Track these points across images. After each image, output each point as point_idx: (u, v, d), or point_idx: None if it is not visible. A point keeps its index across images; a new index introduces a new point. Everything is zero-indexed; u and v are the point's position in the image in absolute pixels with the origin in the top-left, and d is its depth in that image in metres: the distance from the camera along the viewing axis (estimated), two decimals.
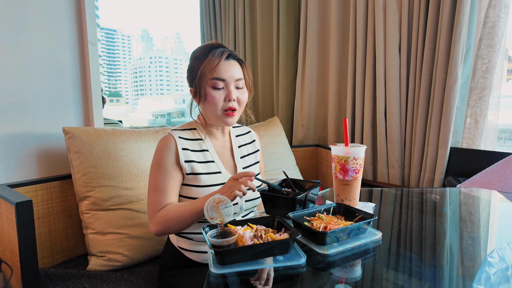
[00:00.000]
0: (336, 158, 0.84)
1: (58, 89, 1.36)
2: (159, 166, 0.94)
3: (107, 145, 1.24)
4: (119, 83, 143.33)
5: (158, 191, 0.92)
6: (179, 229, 0.89)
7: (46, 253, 1.23)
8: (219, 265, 0.56)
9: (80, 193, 1.21)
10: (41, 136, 1.33)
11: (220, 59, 0.94)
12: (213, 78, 0.93)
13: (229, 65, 0.95)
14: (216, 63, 0.93)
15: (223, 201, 0.66)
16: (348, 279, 0.57)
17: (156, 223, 0.90)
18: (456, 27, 1.40)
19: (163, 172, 0.93)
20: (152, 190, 0.93)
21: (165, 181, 0.92)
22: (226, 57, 0.95)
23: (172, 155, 0.94)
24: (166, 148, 0.95)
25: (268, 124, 1.91)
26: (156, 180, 0.93)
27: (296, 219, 0.71)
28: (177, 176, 0.95)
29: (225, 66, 0.94)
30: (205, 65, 0.94)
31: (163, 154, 0.94)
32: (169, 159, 0.94)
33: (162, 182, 0.92)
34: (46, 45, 1.32)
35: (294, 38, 2.25)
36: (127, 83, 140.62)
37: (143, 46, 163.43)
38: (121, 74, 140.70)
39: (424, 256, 0.63)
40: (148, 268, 1.20)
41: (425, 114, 1.58)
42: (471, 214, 0.90)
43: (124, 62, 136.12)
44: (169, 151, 0.94)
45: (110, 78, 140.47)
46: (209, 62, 0.93)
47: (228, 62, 0.95)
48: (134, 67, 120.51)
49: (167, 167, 0.93)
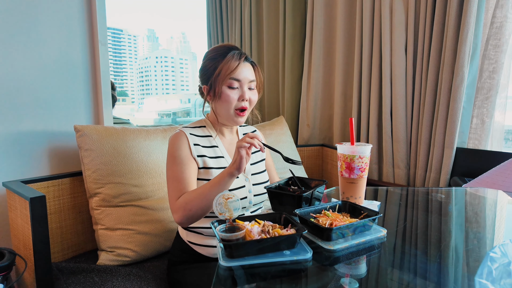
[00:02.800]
0: (342, 156, 0.85)
1: (70, 88, 1.40)
2: (174, 158, 0.97)
3: (117, 143, 1.27)
4: (125, 82, 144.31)
5: (176, 180, 0.95)
6: (202, 209, 0.88)
7: (57, 248, 1.26)
8: (228, 258, 0.58)
9: (90, 189, 1.24)
10: (53, 134, 1.36)
11: (239, 61, 0.99)
12: (230, 78, 0.98)
13: (245, 67, 1.00)
14: (235, 65, 0.98)
15: (232, 197, 0.68)
16: (353, 275, 0.59)
17: (178, 209, 0.91)
18: (463, 27, 1.40)
19: (179, 163, 0.96)
20: (171, 182, 0.96)
21: (181, 170, 0.95)
22: (244, 59, 1.01)
23: (186, 148, 0.98)
24: (178, 142, 0.98)
25: (274, 124, 1.92)
26: (173, 172, 0.96)
27: (303, 215, 0.72)
28: (193, 166, 0.98)
29: (242, 68, 0.99)
30: (223, 65, 0.98)
31: (177, 146, 0.98)
32: (183, 151, 0.97)
33: (179, 172, 0.95)
34: (58, 45, 1.36)
35: (300, 38, 2.26)
36: (133, 82, 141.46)
37: (149, 46, 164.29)
38: (127, 74, 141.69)
39: (429, 254, 0.64)
40: (156, 264, 1.22)
41: (431, 114, 1.58)
42: (476, 214, 0.91)
43: (130, 61, 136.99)
44: (182, 144, 0.98)
45: (117, 78, 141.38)
46: (228, 62, 0.98)
47: (244, 64, 1.00)
48: (140, 67, 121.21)
49: (182, 158, 0.97)
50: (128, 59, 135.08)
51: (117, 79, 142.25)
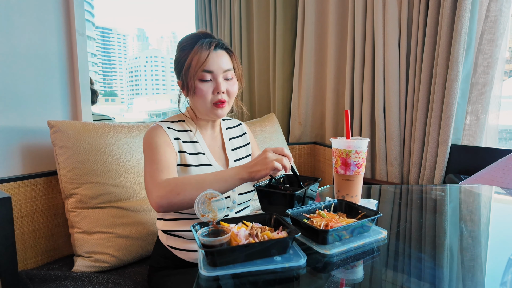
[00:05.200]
0: (337, 152, 0.79)
1: (44, 81, 1.30)
2: (150, 145, 0.87)
3: (95, 140, 1.18)
4: (114, 82, 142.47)
5: (155, 163, 0.83)
6: (191, 198, 0.75)
7: (30, 253, 1.16)
8: (210, 267, 0.51)
9: (66, 190, 1.15)
10: (26, 130, 1.26)
11: (209, 51, 0.89)
12: (201, 70, 0.88)
13: (217, 56, 0.90)
14: (205, 55, 0.88)
15: (216, 196, 0.61)
16: (351, 282, 0.52)
17: (163, 187, 0.77)
18: (458, 22, 1.37)
19: (155, 148, 0.86)
20: (149, 166, 0.84)
21: (160, 153, 0.85)
22: (214, 47, 0.91)
23: (165, 139, 0.89)
24: (155, 132, 0.90)
25: (264, 121, 1.86)
26: (150, 157, 0.85)
27: (295, 216, 0.65)
28: (171, 152, 0.88)
29: (213, 57, 0.89)
30: (192, 56, 0.89)
31: (153, 135, 0.89)
32: (160, 138, 0.88)
33: (157, 155, 0.85)
34: (31, 34, 1.26)
35: (291, 33, 2.20)
36: (122, 82, 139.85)
37: (139, 46, 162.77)
38: (116, 74, 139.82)
39: (437, 258, 0.58)
40: (138, 269, 1.14)
41: (425, 111, 1.54)
42: (478, 213, 0.86)
43: (119, 61, 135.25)
44: (160, 135, 0.89)
45: (106, 78, 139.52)
46: (197, 53, 0.88)
47: (216, 52, 0.91)
48: (129, 67, 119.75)
49: (160, 144, 0.87)
50: (118, 59, 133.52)
51: (106, 79, 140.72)
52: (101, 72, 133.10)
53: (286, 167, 0.74)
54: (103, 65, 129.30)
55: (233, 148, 1.04)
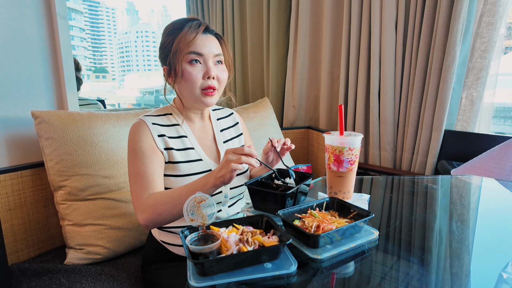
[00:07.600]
0: (330, 148, 0.77)
1: (26, 68, 1.23)
2: (134, 151, 0.85)
3: (83, 130, 1.14)
4: (104, 58, 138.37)
5: (139, 177, 0.82)
6: (173, 215, 0.77)
7: (21, 245, 1.15)
8: (200, 277, 0.50)
9: (54, 182, 1.12)
10: (9, 121, 1.21)
11: (198, 31, 0.85)
12: (189, 52, 0.84)
13: (207, 39, 0.87)
14: (193, 36, 0.84)
15: (205, 200, 0.59)
16: (343, 286, 0.52)
17: (145, 210, 0.79)
18: (457, 3, 1.32)
19: (139, 156, 0.84)
20: (133, 179, 0.84)
21: (144, 164, 0.83)
22: (204, 30, 0.87)
23: (148, 139, 0.86)
24: (139, 133, 0.86)
25: (258, 106, 1.82)
26: (135, 166, 0.84)
27: (286, 217, 0.65)
28: (158, 159, 0.85)
29: (203, 40, 0.86)
30: (180, 39, 0.84)
31: (137, 138, 0.85)
32: (145, 143, 0.85)
33: (141, 166, 0.83)
34: (8, 21, 1.18)
35: (286, 13, 2.11)
36: (113, 58, 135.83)
37: (129, 20, 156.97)
38: (106, 49, 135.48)
39: (430, 259, 0.58)
40: (131, 260, 1.14)
41: (420, 95, 1.52)
42: (467, 212, 0.86)
43: (109, 36, 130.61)
44: (144, 135, 0.86)
45: (95, 53, 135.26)
46: (185, 35, 0.84)
47: (205, 36, 0.87)
48: (119, 42, 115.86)
49: (144, 150, 0.84)
50: (107, 34, 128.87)
51: (96, 55, 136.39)
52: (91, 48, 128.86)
53: (250, 164, 0.72)
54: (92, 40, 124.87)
55: (225, 140, 1.01)
